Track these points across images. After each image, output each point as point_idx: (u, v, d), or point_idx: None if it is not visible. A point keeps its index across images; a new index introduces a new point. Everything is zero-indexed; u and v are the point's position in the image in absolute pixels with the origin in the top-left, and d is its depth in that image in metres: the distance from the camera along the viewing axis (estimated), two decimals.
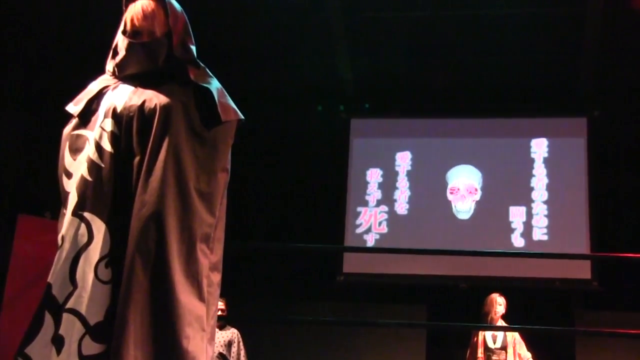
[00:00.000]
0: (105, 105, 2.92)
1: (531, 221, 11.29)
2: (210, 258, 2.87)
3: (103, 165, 2.81)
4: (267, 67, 11.37)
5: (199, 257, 2.79)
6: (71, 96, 3.08)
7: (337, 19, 10.87)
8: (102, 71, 3.09)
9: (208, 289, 2.84)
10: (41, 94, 9.69)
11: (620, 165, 11.31)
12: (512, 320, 8.73)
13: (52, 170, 3.03)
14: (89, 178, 2.80)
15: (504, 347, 8.50)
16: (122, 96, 2.92)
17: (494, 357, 8.50)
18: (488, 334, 8.61)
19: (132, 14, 2.95)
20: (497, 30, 10.81)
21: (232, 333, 8.50)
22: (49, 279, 2.74)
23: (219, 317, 5.76)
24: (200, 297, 2.78)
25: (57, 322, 2.67)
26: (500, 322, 8.58)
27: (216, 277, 2.92)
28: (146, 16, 2.94)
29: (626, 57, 10.85)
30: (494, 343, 8.55)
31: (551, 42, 10.96)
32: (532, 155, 11.57)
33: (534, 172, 11.50)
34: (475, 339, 8.62)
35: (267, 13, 10.59)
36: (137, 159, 2.82)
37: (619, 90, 11.28)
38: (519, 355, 8.53)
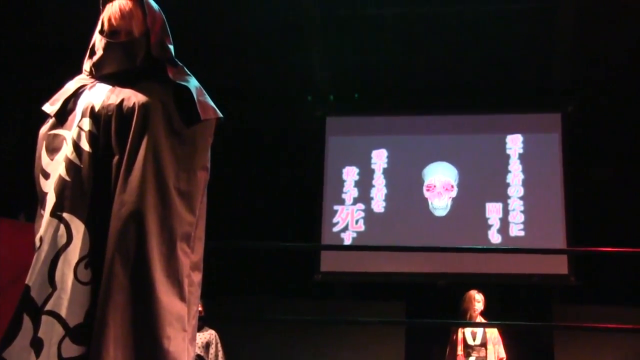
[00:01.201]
0: (82, 104, 2.90)
1: (508, 217, 11.33)
2: (191, 257, 2.85)
3: (81, 165, 2.78)
4: (242, 66, 11.34)
5: (179, 257, 2.77)
6: (47, 96, 3.05)
7: (312, 17, 10.88)
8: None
9: (189, 288, 2.81)
10: (16, 95, 9.61)
11: (595, 160, 11.38)
12: (491, 316, 8.77)
13: (27, 172, 3.00)
14: (67, 178, 2.77)
15: (483, 344, 8.52)
16: (100, 95, 2.89)
17: (473, 354, 8.52)
18: (467, 331, 8.63)
19: (109, 13, 2.94)
20: (471, 27, 10.85)
21: (210, 334, 8.47)
22: (27, 281, 2.70)
23: None
24: (182, 297, 2.76)
25: (36, 325, 2.64)
26: (479, 319, 8.60)
27: (197, 277, 2.90)
28: (124, 16, 2.92)
29: (599, 53, 10.91)
30: (474, 340, 8.57)
31: (524, 38, 11.00)
32: (508, 152, 11.62)
33: (509, 168, 11.54)
34: (455, 336, 8.64)
35: (243, 11, 10.55)
36: (116, 158, 2.79)
37: (592, 86, 11.33)
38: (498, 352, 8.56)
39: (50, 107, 2.99)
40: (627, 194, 11.07)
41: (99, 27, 2.97)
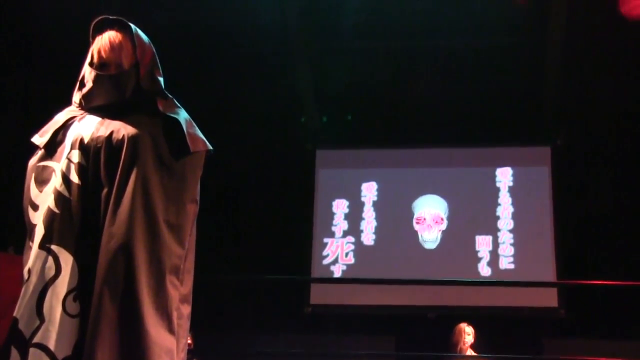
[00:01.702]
0: (71, 136, 2.90)
1: (497, 250, 11.33)
2: (180, 290, 2.84)
3: (70, 197, 2.78)
4: (231, 98, 11.36)
5: (168, 289, 2.76)
6: (35, 128, 3.05)
7: (302, 50, 10.92)
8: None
9: (178, 321, 2.80)
10: (6, 125, 9.60)
11: (585, 193, 11.38)
12: (481, 349, 8.73)
13: (16, 204, 2.99)
14: (56, 210, 2.77)
15: None
16: (89, 127, 2.89)
17: None
18: None
19: (99, 45, 2.94)
20: (462, 60, 10.92)
21: None
22: (15, 314, 2.69)
23: None
24: (170, 330, 2.74)
25: (24, 357, 2.62)
26: (470, 352, 8.57)
27: (186, 309, 2.89)
28: (113, 48, 2.93)
29: (588, 87, 10.95)
30: None
31: (514, 71, 11.04)
32: (497, 184, 11.63)
33: (499, 200, 11.55)
34: None
35: (232, 42, 10.60)
36: (105, 190, 2.79)
37: (582, 120, 11.38)
38: None
39: (40, 139, 2.98)
40: (617, 227, 11.07)
41: (88, 59, 2.98)
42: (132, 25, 2.98)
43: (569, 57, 10.54)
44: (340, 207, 11.85)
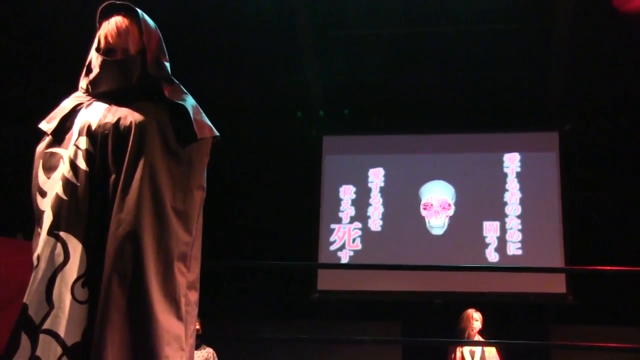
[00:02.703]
0: (79, 122, 2.89)
1: (505, 236, 11.32)
2: (187, 276, 2.84)
3: (78, 184, 2.78)
4: (238, 85, 11.36)
5: (176, 276, 2.76)
6: (44, 113, 3.04)
7: (307, 38, 10.90)
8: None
9: (186, 307, 2.80)
10: (14, 112, 9.61)
11: (592, 178, 11.36)
12: (489, 335, 8.73)
13: (25, 191, 2.99)
14: (64, 197, 2.77)
15: None
16: (96, 114, 2.89)
17: None
18: (466, 350, 8.59)
19: (105, 31, 2.93)
20: (468, 46, 10.89)
21: (207, 352, 8.44)
22: (25, 300, 2.70)
23: None
24: (179, 316, 2.75)
25: (34, 344, 2.63)
26: (477, 338, 8.57)
27: (194, 296, 2.89)
28: (120, 33, 2.92)
29: (595, 71, 10.93)
30: (472, 358, 8.53)
31: (521, 56, 11.03)
32: (505, 170, 11.62)
33: (507, 186, 11.54)
34: (453, 355, 8.61)
35: (237, 31, 10.58)
36: (112, 177, 2.79)
37: (589, 104, 11.35)
38: None
39: (47, 125, 2.98)
40: (625, 212, 11.06)
41: (95, 45, 2.97)
42: (139, 11, 2.96)
43: (577, 42, 10.49)
44: (348, 193, 11.84)
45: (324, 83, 11.64)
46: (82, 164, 2.80)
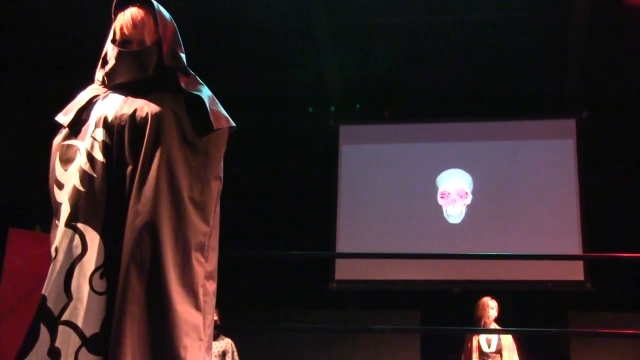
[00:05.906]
0: (95, 114, 2.90)
1: (523, 223, 11.27)
2: (205, 267, 2.85)
3: (95, 175, 2.79)
4: (255, 76, 11.36)
5: (194, 266, 2.77)
6: (61, 106, 3.05)
7: (323, 27, 10.88)
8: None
9: (204, 297, 2.81)
10: (31, 105, 9.64)
11: (610, 166, 11.30)
12: (506, 323, 8.73)
13: (42, 183, 3.00)
14: (81, 188, 2.78)
15: (498, 351, 8.49)
16: (113, 105, 2.90)
17: None
18: (482, 338, 8.60)
19: (121, 22, 2.94)
20: (485, 34, 10.84)
21: (226, 343, 8.48)
22: (44, 291, 2.71)
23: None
24: (197, 307, 2.76)
25: (53, 335, 2.65)
26: (494, 326, 8.57)
27: (212, 286, 2.90)
28: (136, 25, 2.92)
29: (613, 58, 10.88)
30: (489, 347, 8.54)
31: (539, 44, 10.97)
32: (522, 158, 11.57)
33: (524, 174, 11.49)
34: (470, 343, 8.61)
35: (254, 22, 10.58)
36: (129, 168, 2.80)
37: (607, 91, 11.30)
38: None
39: (64, 118, 2.99)
40: None
41: (110, 36, 2.97)
42: (155, 2, 2.97)
43: (594, 28, 10.44)
44: (365, 182, 11.81)
45: (341, 73, 11.61)
46: (99, 155, 2.81)
